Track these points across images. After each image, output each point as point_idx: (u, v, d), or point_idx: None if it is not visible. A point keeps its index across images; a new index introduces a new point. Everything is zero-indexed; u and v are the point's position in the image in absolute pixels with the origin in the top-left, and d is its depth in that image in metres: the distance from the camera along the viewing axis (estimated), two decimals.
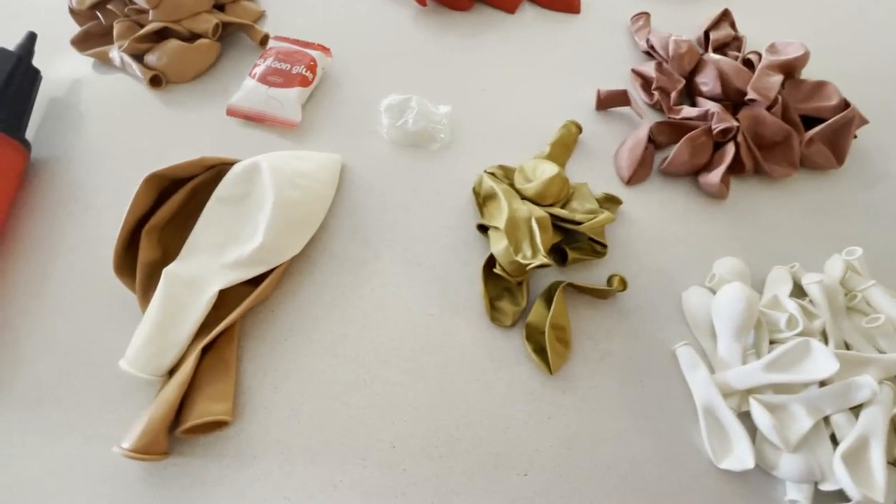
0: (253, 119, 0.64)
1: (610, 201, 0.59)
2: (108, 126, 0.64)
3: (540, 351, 0.50)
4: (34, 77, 0.63)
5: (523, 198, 0.56)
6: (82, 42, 0.69)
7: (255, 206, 0.51)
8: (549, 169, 0.56)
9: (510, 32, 0.78)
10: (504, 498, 0.44)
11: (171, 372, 0.47)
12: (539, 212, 0.52)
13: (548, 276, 0.55)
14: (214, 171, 0.54)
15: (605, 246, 0.54)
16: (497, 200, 0.55)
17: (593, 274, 0.56)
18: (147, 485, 0.43)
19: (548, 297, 0.53)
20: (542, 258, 0.49)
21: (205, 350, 0.47)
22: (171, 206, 0.51)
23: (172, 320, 0.47)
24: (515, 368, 0.50)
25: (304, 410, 0.47)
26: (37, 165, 0.61)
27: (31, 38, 0.64)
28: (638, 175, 0.61)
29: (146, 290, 0.49)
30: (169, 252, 0.51)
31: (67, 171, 0.60)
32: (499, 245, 0.52)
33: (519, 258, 0.49)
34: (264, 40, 0.71)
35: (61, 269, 0.53)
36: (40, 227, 0.56)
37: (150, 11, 0.66)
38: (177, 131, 0.64)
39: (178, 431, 0.44)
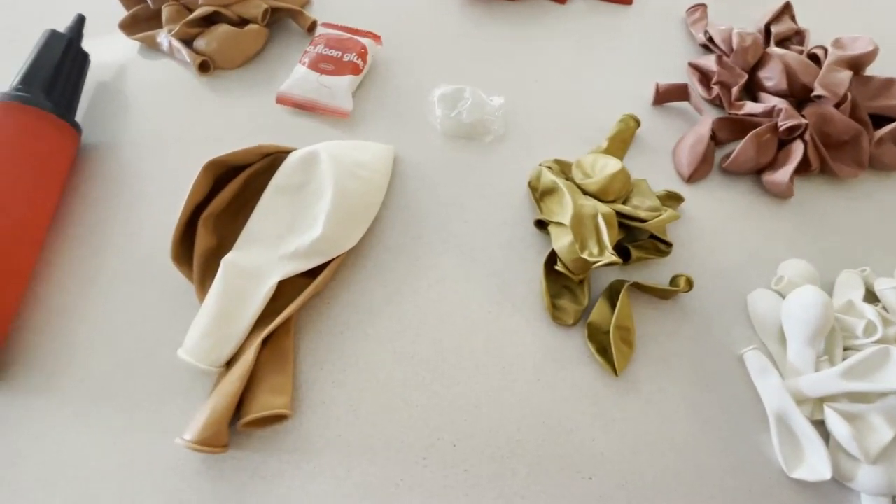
0: (303, 107, 0.62)
1: (671, 198, 0.57)
2: (156, 112, 0.63)
3: (602, 351, 0.49)
4: (83, 60, 0.62)
5: (584, 193, 0.54)
6: (130, 26, 0.68)
7: (314, 196, 0.50)
8: (613, 164, 0.54)
9: (561, 23, 0.76)
10: (569, 502, 0.43)
11: (229, 363, 0.46)
12: (604, 208, 0.51)
13: (608, 274, 0.54)
14: (269, 160, 0.53)
15: (669, 245, 0.53)
16: (559, 195, 0.53)
17: (652, 272, 0.54)
18: (206, 478, 0.42)
19: (610, 296, 0.51)
20: (609, 255, 0.47)
21: (263, 342, 0.46)
22: (227, 194, 0.50)
23: (231, 311, 0.46)
24: (578, 369, 0.49)
25: (364, 407, 0.46)
26: (85, 151, 0.60)
27: (80, 20, 0.63)
28: (699, 172, 0.59)
29: (204, 280, 0.48)
30: (224, 241, 0.50)
31: (117, 158, 0.59)
32: (562, 241, 0.50)
33: (585, 255, 0.47)
34: (312, 27, 0.69)
35: (115, 256, 0.52)
36: (92, 214, 0.55)
37: None
38: (225, 118, 0.63)
39: (238, 425, 0.43)
